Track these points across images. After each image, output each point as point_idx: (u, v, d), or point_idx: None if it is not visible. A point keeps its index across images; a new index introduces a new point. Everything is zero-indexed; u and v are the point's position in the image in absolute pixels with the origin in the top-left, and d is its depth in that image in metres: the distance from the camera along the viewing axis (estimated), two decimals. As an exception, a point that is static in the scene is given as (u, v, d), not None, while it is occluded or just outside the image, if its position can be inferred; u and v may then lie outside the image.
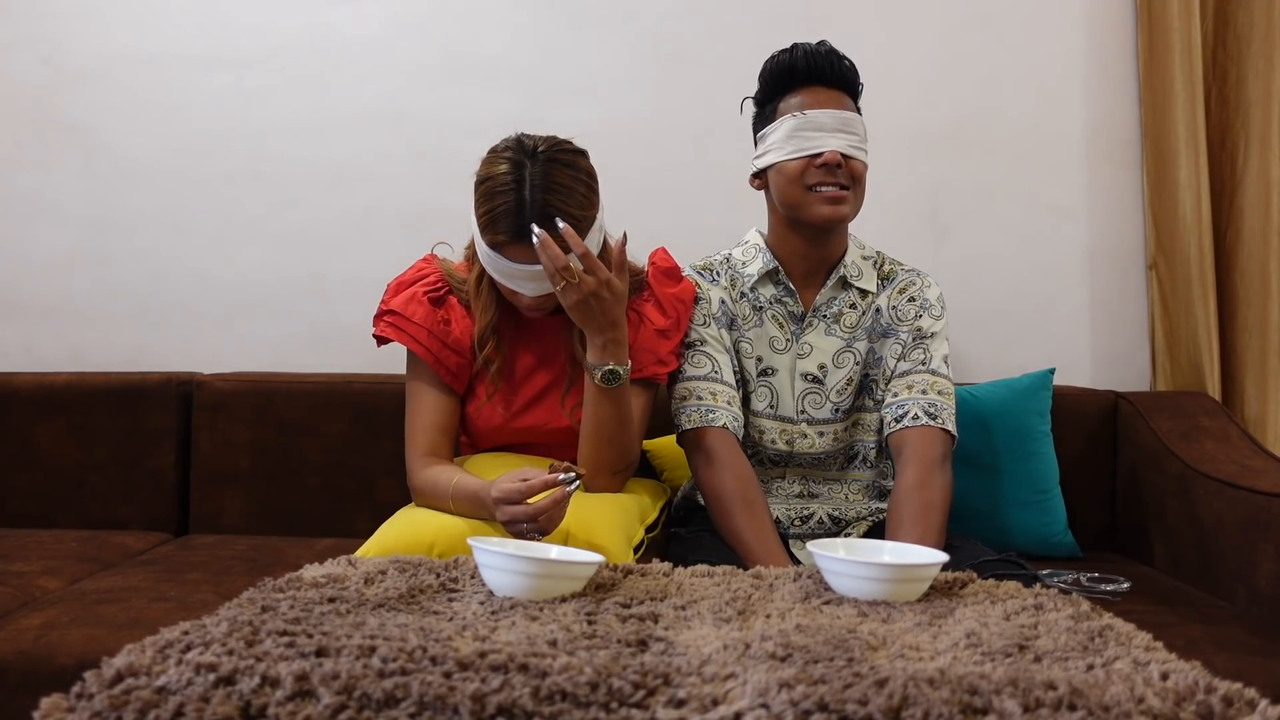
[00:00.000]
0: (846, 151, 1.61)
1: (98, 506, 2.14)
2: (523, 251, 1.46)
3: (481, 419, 1.62)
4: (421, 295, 1.59)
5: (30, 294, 2.37)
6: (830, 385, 1.71)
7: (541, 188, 1.45)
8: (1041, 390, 2.03)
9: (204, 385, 2.16)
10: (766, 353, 1.72)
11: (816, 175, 1.61)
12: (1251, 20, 2.21)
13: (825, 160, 1.60)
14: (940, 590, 1.16)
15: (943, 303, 1.76)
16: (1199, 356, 2.19)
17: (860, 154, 1.64)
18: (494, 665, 0.80)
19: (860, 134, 1.64)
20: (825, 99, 1.63)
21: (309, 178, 2.35)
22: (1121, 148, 2.32)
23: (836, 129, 1.61)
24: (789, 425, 1.71)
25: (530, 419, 1.61)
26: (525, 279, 1.48)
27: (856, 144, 1.63)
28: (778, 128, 1.64)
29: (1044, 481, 1.99)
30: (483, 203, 1.48)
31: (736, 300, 1.73)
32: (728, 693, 0.77)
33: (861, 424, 1.74)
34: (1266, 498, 1.66)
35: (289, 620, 0.93)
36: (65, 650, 1.39)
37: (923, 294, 1.74)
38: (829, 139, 1.60)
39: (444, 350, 1.58)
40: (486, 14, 2.35)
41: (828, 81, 1.64)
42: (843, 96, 1.65)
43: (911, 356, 1.70)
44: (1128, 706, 0.75)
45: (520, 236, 1.44)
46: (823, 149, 1.60)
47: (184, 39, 2.36)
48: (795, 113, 1.63)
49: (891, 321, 1.72)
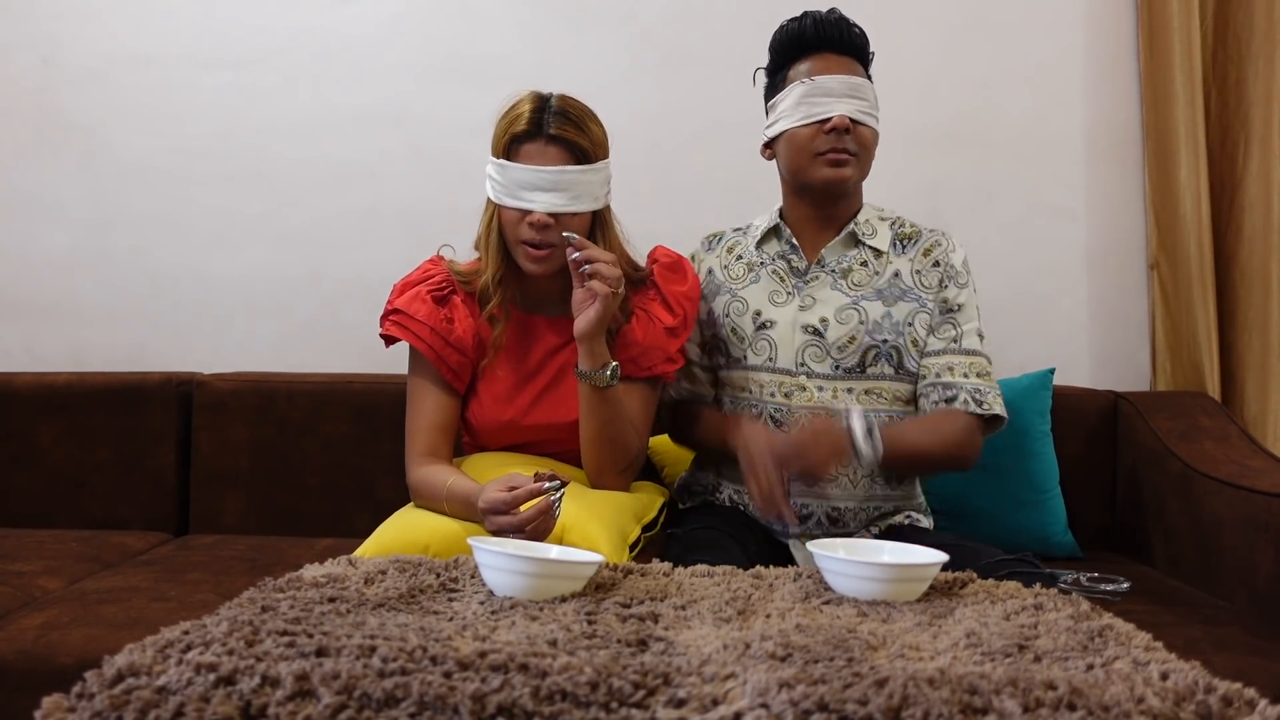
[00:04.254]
0: (855, 116, 1.61)
1: (98, 506, 2.14)
2: (537, 151, 1.51)
3: (488, 417, 1.62)
4: (425, 294, 1.61)
5: (30, 294, 2.37)
6: (831, 340, 1.66)
7: (561, 103, 1.56)
8: (1041, 390, 2.03)
9: (204, 385, 2.16)
10: (765, 306, 1.71)
11: (825, 142, 1.61)
12: (1251, 20, 2.21)
13: (834, 125, 1.59)
14: (940, 590, 1.16)
15: (969, 268, 1.71)
16: (1199, 356, 2.19)
17: (870, 120, 1.63)
18: (494, 665, 0.80)
19: (870, 100, 1.64)
20: (834, 65, 1.63)
21: (309, 178, 2.35)
22: (1121, 148, 2.31)
23: (845, 94, 1.61)
24: (787, 378, 1.68)
25: (538, 415, 1.61)
26: (538, 187, 1.51)
27: (866, 110, 1.63)
28: (787, 95, 1.64)
29: (1044, 481, 1.99)
30: (502, 119, 1.56)
31: (730, 264, 1.76)
32: (728, 693, 0.77)
33: (878, 392, 1.67)
34: (1266, 498, 1.66)
35: (289, 620, 0.93)
36: (65, 650, 1.39)
37: (948, 258, 1.69)
38: (837, 104, 1.60)
39: (446, 348, 1.59)
40: (486, 14, 2.35)
41: (837, 48, 1.64)
42: (852, 63, 1.65)
43: (942, 333, 1.67)
44: (1128, 706, 0.75)
45: (539, 129, 1.51)
46: (831, 114, 1.60)
47: (184, 39, 2.36)
48: (804, 79, 1.63)
49: (914, 286, 1.68)
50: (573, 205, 1.52)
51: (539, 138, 1.52)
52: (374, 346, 1.72)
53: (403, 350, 1.66)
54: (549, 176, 1.50)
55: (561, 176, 1.51)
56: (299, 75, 2.35)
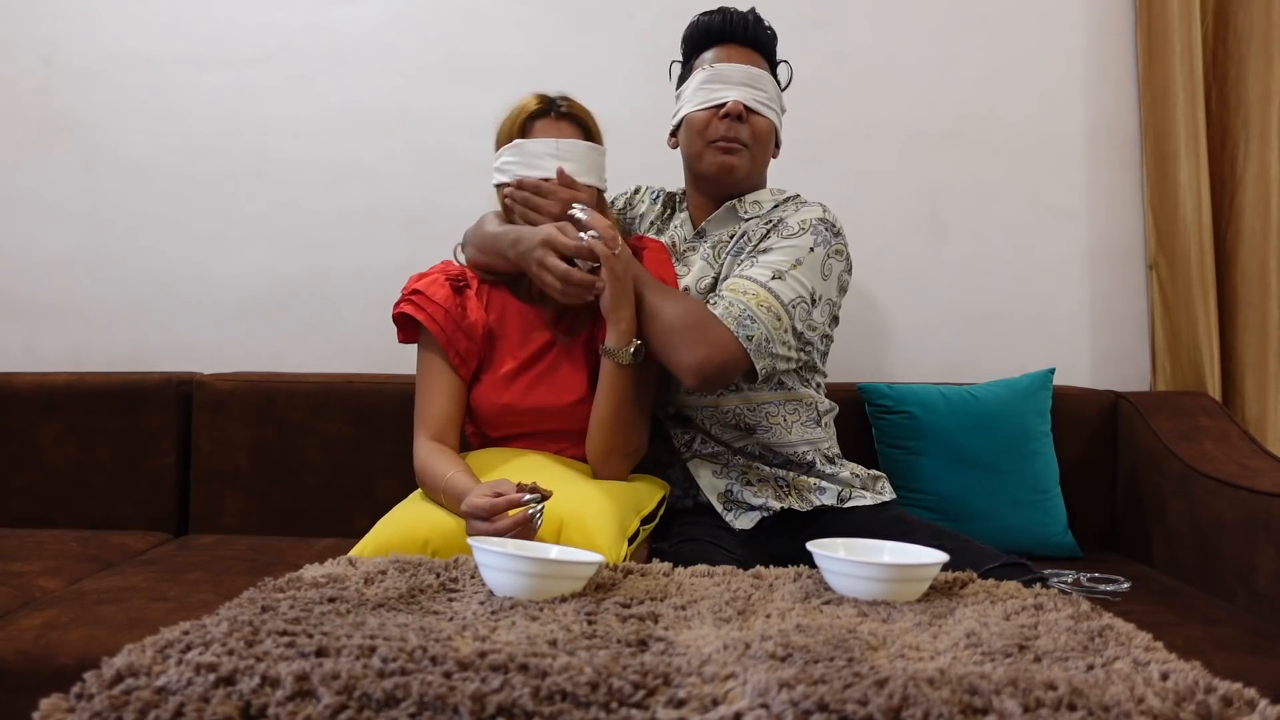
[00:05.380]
0: (749, 103, 1.65)
1: (98, 506, 2.14)
2: (550, 125, 1.62)
3: (487, 400, 1.64)
4: (444, 280, 1.67)
5: (30, 294, 2.37)
6: None
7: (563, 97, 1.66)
8: (1041, 390, 2.03)
9: (204, 385, 2.16)
10: None
11: (719, 129, 1.66)
12: (1251, 20, 2.21)
13: (728, 110, 1.64)
14: (940, 590, 1.16)
15: (809, 227, 1.61)
16: (1199, 356, 2.19)
17: (765, 110, 1.67)
18: (494, 665, 0.80)
19: (769, 93, 1.68)
20: (736, 55, 1.69)
21: (309, 178, 2.35)
22: (1121, 148, 2.31)
23: (742, 82, 1.65)
24: None
25: (536, 398, 1.63)
26: (553, 155, 1.60)
27: (763, 101, 1.66)
28: (690, 82, 1.70)
29: (1044, 481, 1.99)
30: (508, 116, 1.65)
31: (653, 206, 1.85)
32: (728, 693, 0.77)
33: None
34: (1266, 498, 1.66)
35: (289, 620, 0.93)
36: (65, 650, 1.39)
37: (783, 217, 1.65)
38: (733, 90, 1.65)
39: (457, 332, 1.63)
40: (486, 14, 2.35)
41: (741, 40, 1.69)
42: (755, 55, 1.70)
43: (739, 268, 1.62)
44: (1128, 706, 0.75)
45: (549, 108, 1.63)
46: (726, 99, 1.64)
47: (184, 39, 2.36)
48: (706, 65, 1.68)
49: (745, 245, 1.67)
50: (582, 176, 1.61)
51: (549, 114, 1.63)
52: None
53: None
54: (563, 146, 1.60)
55: (575, 147, 1.61)
56: (299, 75, 2.35)
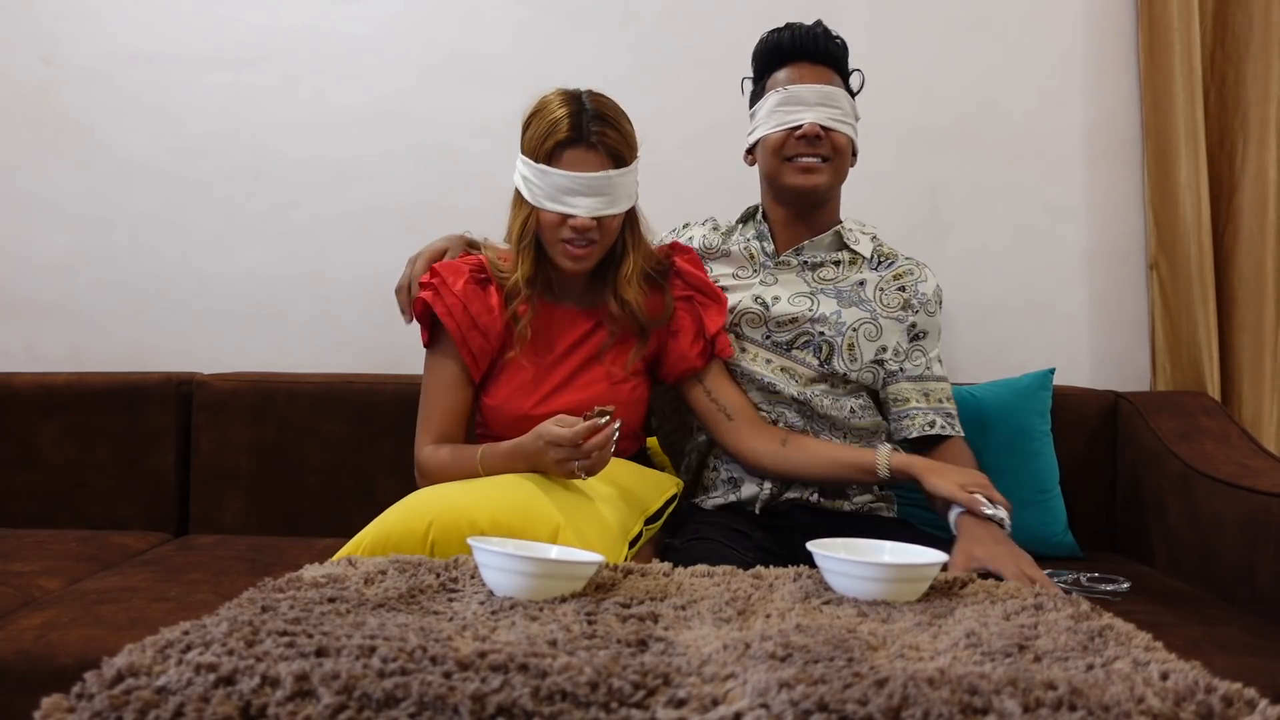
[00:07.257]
0: (826, 124, 1.67)
1: (98, 506, 2.14)
2: (579, 157, 1.53)
3: (506, 408, 1.61)
4: (466, 271, 1.63)
5: (30, 294, 2.37)
6: (774, 313, 1.73)
7: (595, 103, 1.57)
8: (1041, 390, 2.03)
9: (204, 385, 2.16)
10: (730, 282, 1.77)
11: (796, 147, 1.69)
12: (1250, 22, 2.21)
13: (804, 132, 1.67)
14: (940, 590, 1.16)
15: (939, 296, 1.80)
16: (1199, 356, 2.19)
17: (842, 126, 1.69)
18: (494, 665, 0.80)
19: (844, 108, 1.70)
20: (809, 74, 1.71)
21: (309, 178, 2.35)
22: (1121, 148, 2.32)
23: (817, 102, 1.68)
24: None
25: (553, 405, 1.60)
26: (580, 193, 1.53)
27: (839, 117, 1.69)
28: (764, 103, 1.72)
29: (1044, 481, 1.99)
30: (537, 121, 1.56)
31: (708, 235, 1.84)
32: (728, 693, 0.77)
33: (793, 373, 1.72)
34: (1266, 498, 1.66)
35: (289, 620, 0.93)
36: (65, 650, 1.40)
37: (916, 287, 1.77)
38: (808, 112, 1.67)
39: (472, 329, 1.60)
40: (486, 14, 2.35)
41: (813, 58, 1.71)
42: (828, 72, 1.72)
43: (914, 359, 1.76)
44: (1128, 706, 0.75)
45: (580, 136, 1.52)
46: (802, 121, 1.67)
47: (184, 39, 2.36)
48: (780, 87, 1.70)
49: (873, 300, 1.75)
50: (612, 208, 1.56)
51: (580, 144, 1.53)
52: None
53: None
54: (592, 182, 1.53)
55: (605, 182, 1.54)
56: (299, 75, 2.35)
